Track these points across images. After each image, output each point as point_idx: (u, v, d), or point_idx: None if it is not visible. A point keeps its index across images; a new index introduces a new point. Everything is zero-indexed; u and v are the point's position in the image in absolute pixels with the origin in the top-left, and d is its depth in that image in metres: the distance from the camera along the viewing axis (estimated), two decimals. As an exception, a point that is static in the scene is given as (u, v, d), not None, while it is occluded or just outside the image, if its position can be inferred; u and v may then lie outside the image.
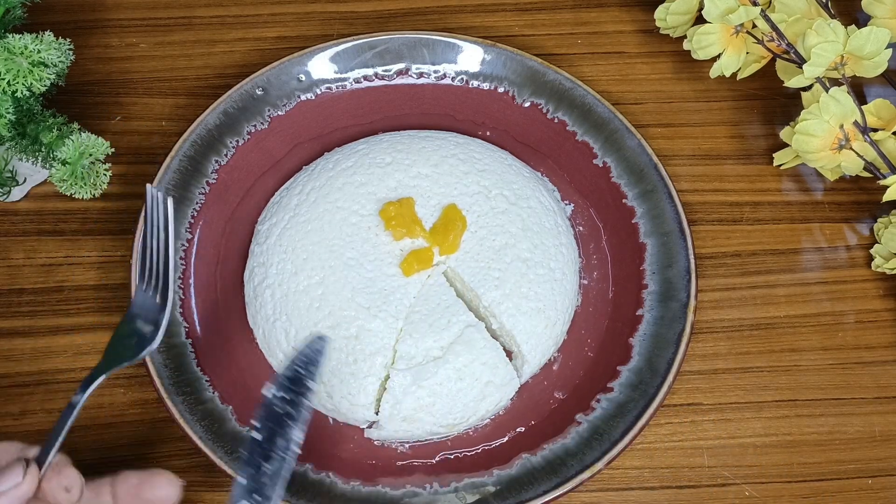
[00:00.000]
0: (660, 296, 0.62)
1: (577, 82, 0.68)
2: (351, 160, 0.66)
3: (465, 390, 0.58)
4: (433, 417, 0.58)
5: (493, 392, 0.59)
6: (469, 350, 0.59)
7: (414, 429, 0.58)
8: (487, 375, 0.59)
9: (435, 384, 0.58)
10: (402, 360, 0.58)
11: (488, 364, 0.59)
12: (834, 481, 0.60)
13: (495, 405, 0.60)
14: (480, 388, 0.59)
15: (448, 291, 0.61)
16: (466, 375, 0.58)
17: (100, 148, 0.63)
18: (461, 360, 0.58)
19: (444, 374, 0.58)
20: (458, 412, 0.58)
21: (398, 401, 0.57)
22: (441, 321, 0.59)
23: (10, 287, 0.65)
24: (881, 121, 0.66)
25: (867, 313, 0.66)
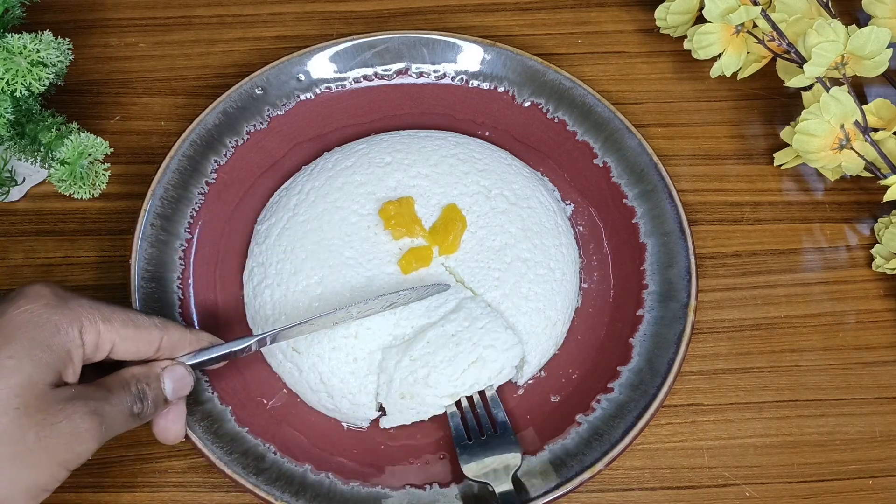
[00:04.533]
0: (660, 296, 0.61)
1: (577, 82, 0.68)
2: (350, 160, 0.66)
3: (461, 355, 0.57)
4: (431, 388, 0.57)
5: (494, 357, 0.58)
6: (466, 317, 0.58)
7: (417, 405, 0.57)
8: (487, 340, 0.58)
9: (427, 353, 0.57)
10: (396, 340, 0.58)
11: (486, 328, 0.58)
12: (834, 482, 0.60)
13: (499, 372, 0.58)
14: (479, 352, 0.57)
15: (448, 278, 0.61)
16: (462, 340, 0.57)
17: (99, 148, 0.63)
18: (454, 326, 0.58)
19: (437, 343, 0.57)
20: (456, 380, 0.57)
21: (391, 377, 0.57)
22: (437, 300, 0.59)
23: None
24: (882, 120, 0.66)
25: (868, 313, 0.66)
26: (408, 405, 0.57)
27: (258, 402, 0.60)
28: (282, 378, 0.61)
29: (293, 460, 0.57)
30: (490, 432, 0.57)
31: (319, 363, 0.59)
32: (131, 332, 0.50)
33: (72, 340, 0.48)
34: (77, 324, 0.48)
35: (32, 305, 0.48)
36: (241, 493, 0.59)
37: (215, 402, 0.58)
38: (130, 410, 0.50)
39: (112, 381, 0.50)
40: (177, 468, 0.59)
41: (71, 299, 0.49)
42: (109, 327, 0.49)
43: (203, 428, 0.56)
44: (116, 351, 0.50)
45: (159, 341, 0.52)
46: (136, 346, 0.51)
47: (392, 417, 0.58)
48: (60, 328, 0.48)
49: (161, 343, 0.52)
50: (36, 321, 0.47)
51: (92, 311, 0.49)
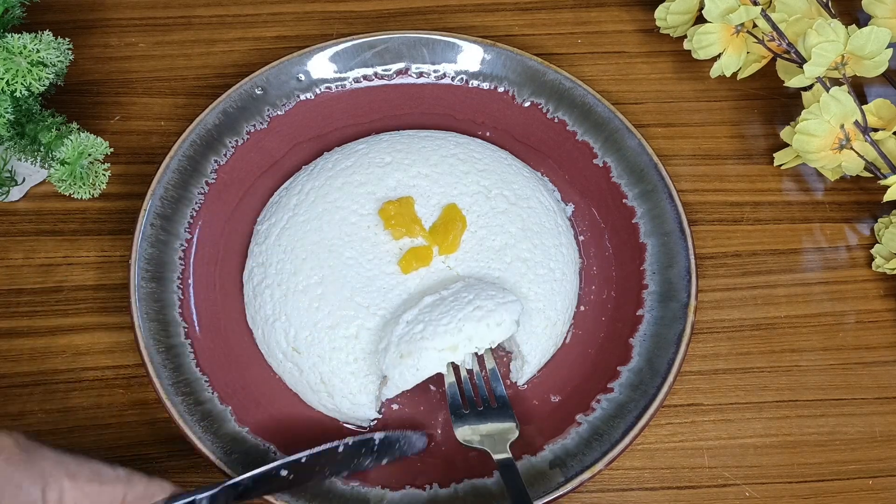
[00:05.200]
0: (660, 296, 0.61)
1: (577, 82, 0.68)
2: (350, 160, 0.66)
3: (457, 307, 0.57)
4: (430, 342, 0.55)
5: (492, 307, 0.57)
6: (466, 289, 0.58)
7: (416, 362, 0.56)
8: (484, 295, 0.57)
9: (423, 313, 0.57)
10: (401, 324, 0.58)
11: (482, 287, 0.58)
12: (834, 482, 0.60)
13: (498, 325, 0.57)
14: (477, 303, 0.57)
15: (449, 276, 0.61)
16: (459, 298, 0.57)
17: (99, 148, 0.63)
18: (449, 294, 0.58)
19: (432, 302, 0.58)
20: (454, 328, 0.56)
21: (388, 343, 0.57)
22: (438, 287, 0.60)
23: (8, 287, 0.65)
24: (882, 120, 0.66)
25: (868, 313, 0.66)
26: (408, 364, 0.56)
27: (258, 403, 0.60)
28: (282, 378, 0.61)
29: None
30: (487, 405, 0.57)
31: (320, 363, 0.59)
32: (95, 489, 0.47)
33: (33, 501, 0.45)
34: (40, 482, 0.45)
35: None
36: (241, 493, 0.58)
37: (215, 402, 0.58)
38: None
39: None
40: (177, 468, 0.59)
41: (35, 452, 0.46)
42: (74, 484, 0.46)
43: (203, 428, 0.56)
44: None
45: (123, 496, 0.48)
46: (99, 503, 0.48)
47: (393, 383, 0.56)
48: (22, 488, 0.44)
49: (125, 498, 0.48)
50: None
51: (57, 467, 0.46)
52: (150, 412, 0.61)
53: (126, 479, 0.48)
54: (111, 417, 0.61)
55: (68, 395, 0.61)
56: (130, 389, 0.62)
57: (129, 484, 0.48)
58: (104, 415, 0.61)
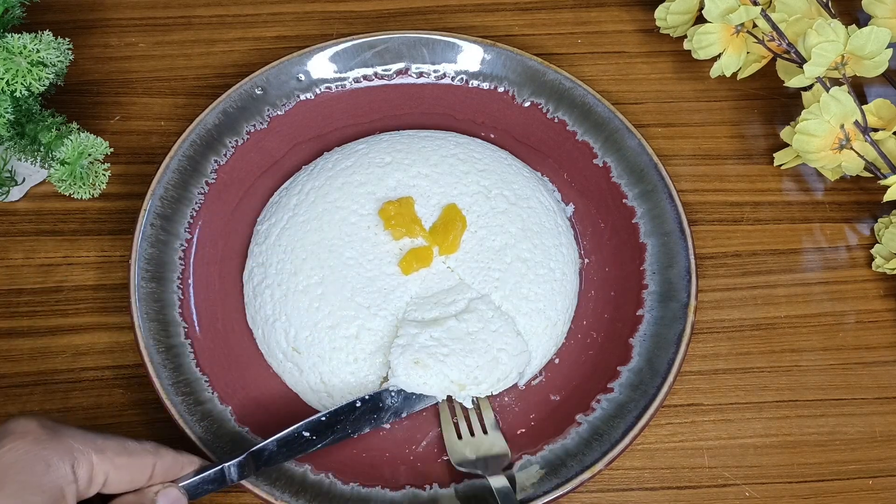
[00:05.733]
0: (660, 296, 0.61)
1: (577, 82, 0.68)
2: (350, 160, 0.66)
3: (477, 351, 0.58)
4: (444, 367, 0.57)
5: (506, 360, 0.58)
6: (478, 318, 0.59)
7: (425, 377, 0.57)
8: (499, 343, 0.58)
9: (443, 334, 0.58)
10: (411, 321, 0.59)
11: (499, 332, 0.58)
12: (834, 482, 0.60)
13: (507, 375, 0.58)
14: (493, 353, 0.58)
15: (451, 276, 0.61)
16: (478, 340, 0.58)
17: (99, 148, 0.63)
18: (470, 326, 0.58)
19: (454, 329, 0.58)
20: (470, 370, 0.57)
21: (409, 342, 0.57)
22: (446, 299, 0.60)
23: (8, 287, 0.65)
24: (882, 121, 0.66)
25: (868, 313, 0.66)
26: (417, 373, 0.57)
27: (258, 402, 0.60)
28: (282, 378, 0.61)
29: (293, 460, 0.57)
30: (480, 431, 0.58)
31: (320, 363, 0.59)
32: (125, 461, 0.47)
33: (64, 477, 0.44)
34: (69, 458, 0.45)
35: (20, 443, 0.44)
36: (241, 493, 0.59)
37: (215, 402, 0.58)
38: None
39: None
40: (177, 468, 0.59)
41: (61, 430, 0.46)
42: (103, 458, 0.46)
43: (203, 428, 0.56)
44: (110, 482, 0.47)
45: (152, 468, 0.49)
46: (130, 476, 0.48)
47: (396, 379, 0.57)
48: (52, 465, 0.44)
49: (154, 469, 0.49)
50: (25, 460, 0.44)
51: (84, 442, 0.46)
52: (150, 412, 0.61)
53: (154, 451, 0.49)
54: (111, 417, 0.61)
55: (68, 395, 0.61)
56: (130, 389, 0.62)
57: (157, 455, 0.49)
58: (104, 415, 0.61)
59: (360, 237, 0.62)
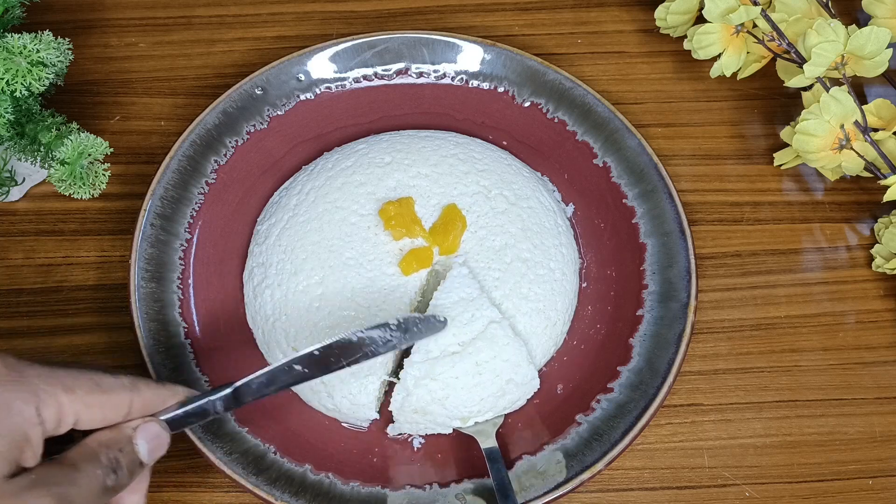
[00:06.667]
0: (660, 296, 0.61)
1: (577, 82, 0.68)
2: (350, 160, 0.66)
3: (483, 385, 0.57)
4: (446, 410, 0.57)
5: (513, 390, 0.58)
6: (491, 346, 0.57)
7: (427, 421, 0.57)
8: (508, 373, 0.58)
9: (450, 377, 0.57)
10: (419, 352, 0.57)
11: (510, 362, 0.58)
12: (834, 482, 0.60)
13: (513, 403, 0.59)
14: (501, 384, 0.58)
15: (471, 284, 0.60)
16: (486, 371, 0.57)
17: (98, 148, 0.63)
18: (482, 356, 0.57)
19: (462, 369, 0.57)
20: (473, 406, 0.57)
21: (409, 392, 0.57)
22: (464, 315, 0.58)
23: (8, 287, 0.65)
24: (882, 121, 0.66)
25: (868, 313, 0.66)
26: (418, 419, 0.57)
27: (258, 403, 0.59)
28: (282, 378, 0.61)
29: (293, 460, 0.57)
30: None
31: (319, 363, 0.59)
32: (97, 399, 0.44)
33: (27, 420, 0.41)
34: (33, 400, 0.42)
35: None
36: (241, 493, 0.59)
37: (215, 402, 0.58)
38: (103, 485, 0.43)
39: (78, 454, 0.43)
40: (177, 468, 0.59)
41: (25, 369, 0.43)
42: (73, 397, 0.43)
43: (203, 428, 0.56)
44: (81, 421, 0.44)
45: (129, 404, 0.45)
46: (103, 414, 0.45)
47: (399, 426, 0.58)
48: (13, 408, 0.41)
49: (131, 406, 0.46)
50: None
51: (51, 381, 0.43)
52: (150, 412, 0.61)
53: (131, 385, 0.46)
54: (111, 417, 0.61)
55: (68, 395, 0.61)
56: (130, 389, 0.61)
57: (134, 391, 0.46)
58: (104, 415, 0.61)
59: (360, 237, 0.62)
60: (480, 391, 0.57)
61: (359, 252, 0.62)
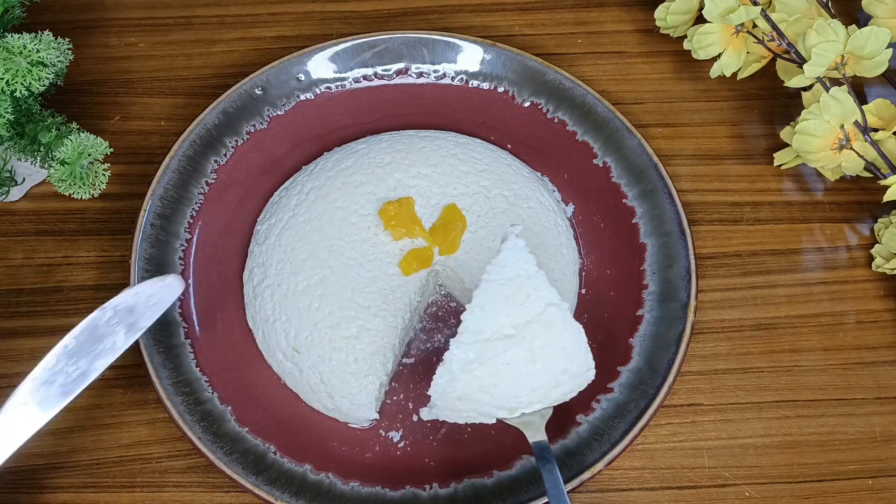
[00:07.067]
0: (660, 296, 0.61)
1: (577, 82, 0.68)
2: (350, 160, 0.66)
3: (536, 374, 0.52)
4: (493, 399, 0.52)
5: (567, 381, 0.54)
6: (548, 332, 0.52)
7: (469, 409, 0.53)
8: (564, 363, 0.53)
9: (501, 363, 0.52)
10: (467, 333, 0.52)
11: (567, 350, 0.53)
12: (834, 482, 0.60)
13: (566, 395, 0.55)
14: (555, 374, 0.53)
15: (529, 259, 0.53)
16: (541, 359, 0.52)
17: (98, 148, 0.63)
18: (538, 342, 0.52)
19: (515, 354, 0.52)
20: (524, 397, 0.53)
21: (455, 377, 0.52)
22: (519, 294, 0.53)
23: (8, 287, 0.65)
24: (882, 121, 0.66)
25: (868, 313, 0.66)
26: (460, 407, 0.53)
27: (258, 402, 0.60)
28: (282, 378, 0.61)
29: (293, 460, 0.57)
30: None
31: (320, 363, 0.59)
32: None
33: None
34: None
35: None
36: (241, 493, 0.59)
37: (215, 402, 0.58)
38: None
39: None
40: (177, 468, 0.59)
41: None
42: None
43: (203, 428, 0.56)
44: None
45: None
46: None
47: (437, 412, 0.53)
48: None
49: None
50: None
51: None
52: (149, 412, 0.61)
53: None
54: (111, 417, 0.61)
55: (68, 395, 0.61)
56: (130, 389, 0.61)
57: None
58: (104, 415, 0.61)
59: (360, 237, 0.62)
60: (532, 381, 0.53)
61: (359, 252, 0.62)
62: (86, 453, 0.59)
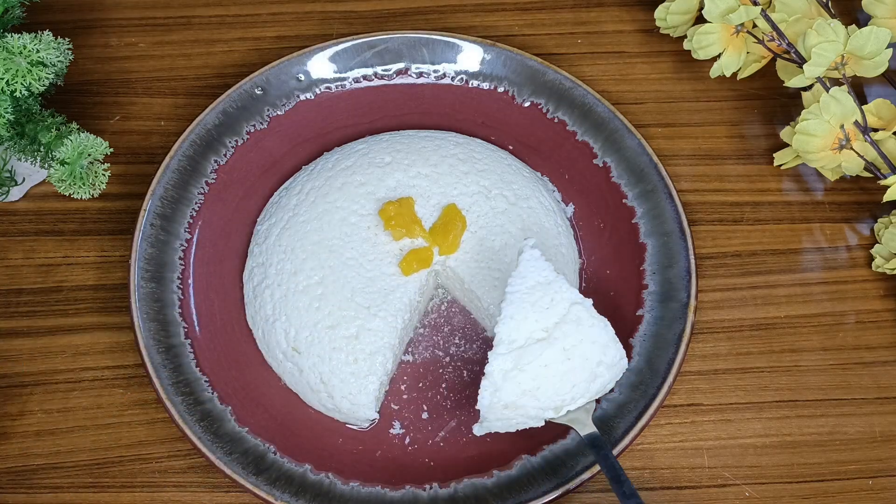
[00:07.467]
0: (660, 296, 0.61)
1: (577, 82, 0.68)
2: (350, 160, 0.66)
3: (574, 371, 0.54)
4: (538, 402, 0.54)
5: (603, 372, 0.55)
6: (577, 329, 0.54)
7: (518, 415, 0.54)
8: (598, 355, 0.55)
9: (539, 366, 0.53)
10: (502, 343, 0.54)
11: (598, 343, 0.55)
12: (834, 482, 0.60)
13: (605, 386, 0.56)
14: (591, 368, 0.54)
15: (546, 267, 0.56)
16: (575, 355, 0.54)
17: (98, 148, 0.63)
18: (569, 341, 0.54)
19: (550, 356, 0.53)
20: (566, 394, 0.54)
21: (498, 387, 0.53)
22: (543, 300, 0.55)
23: (8, 287, 0.65)
24: (881, 121, 0.66)
25: (867, 313, 0.66)
26: (509, 415, 0.54)
27: (258, 402, 0.60)
28: (282, 378, 0.61)
29: (293, 460, 0.57)
30: None
31: (320, 363, 0.59)
32: None
33: None
34: None
35: None
36: (241, 493, 0.59)
37: (215, 402, 0.58)
38: None
39: None
40: (177, 468, 0.59)
41: None
42: None
43: (203, 428, 0.56)
44: None
45: None
46: None
47: (489, 424, 0.55)
48: None
49: None
50: None
51: None
52: (149, 412, 0.61)
53: None
54: (111, 417, 0.61)
55: (68, 395, 0.61)
56: (130, 389, 0.62)
57: None
58: (104, 415, 0.61)
59: (360, 237, 0.62)
60: (572, 377, 0.54)
61: (359, 252, 0.62)
62: (86, 453, 0.59)
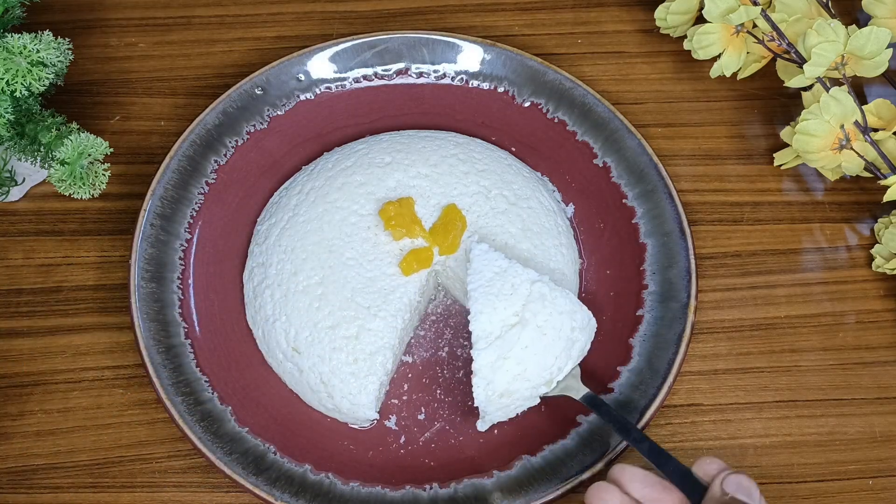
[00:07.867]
0: (660, 296, 0.61)
1: (577, 82, 0.68)
2: (350, 160, 0.66)
3: (553, 343, 0.57)
4: (529, 381, 0.56)
5: (578, 336, 0.58)
6: (544, 305, 0.57)
7: (514, 400, 0.57)
8: (569, 322, 0.57)
9: (521, 349, 0.56)
10: (481, 339, 0.56)
11: (566, 311, 0.57)
12: (834, 482, 0.60)
13: (583, 348, 0.59)
14: (567, 335, 0.57)
15: (497, 257, 0.59)
16: (549, 329, 0.56)
17: (98, 148, 0.63)
18: (540, 318, 0.56)
19: (528, 337, 0.56)
20: (551, 366, 0.57)
21: (489, 380, 0.56)
22: (505, 287, 0.57)
23: (8, 287, 0.65)
24: (882, 121, 0.66)
25: (867, 314, 0.66)
26: (506, 402, 0.56)
27: (258, 402, 0.60)
28: (282, 378, 0.61)
29: (293, 460, 0.57)
30: None
31: (320, 363, 0.59)
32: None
33: None
34: None
35: None
36: (241, 493, 0.59)
37: (215, 402, 0.58)
38: None
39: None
40: (177, 468, 0.59)
41: None
42: None
43: (203, 428, 0.56)
44: None
45: None
46: None
47: (490, 417, 0.57)
48: None
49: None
50: None
51: None
52: (149, 412, 0.61)
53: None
54: (111, 417, 0.61)
55: (68, 395, 0.61)
56: (130, 389, 0.62)
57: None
58: (104, 415, 0.61)
59: (360, 237, 0.62)
60: (553, 350, 0.57)
61: (359, 252, 0.62)
62: (86, 453, 0.59)
